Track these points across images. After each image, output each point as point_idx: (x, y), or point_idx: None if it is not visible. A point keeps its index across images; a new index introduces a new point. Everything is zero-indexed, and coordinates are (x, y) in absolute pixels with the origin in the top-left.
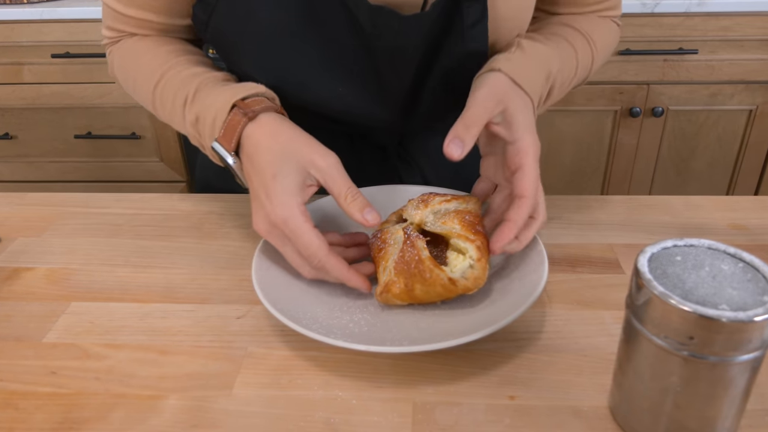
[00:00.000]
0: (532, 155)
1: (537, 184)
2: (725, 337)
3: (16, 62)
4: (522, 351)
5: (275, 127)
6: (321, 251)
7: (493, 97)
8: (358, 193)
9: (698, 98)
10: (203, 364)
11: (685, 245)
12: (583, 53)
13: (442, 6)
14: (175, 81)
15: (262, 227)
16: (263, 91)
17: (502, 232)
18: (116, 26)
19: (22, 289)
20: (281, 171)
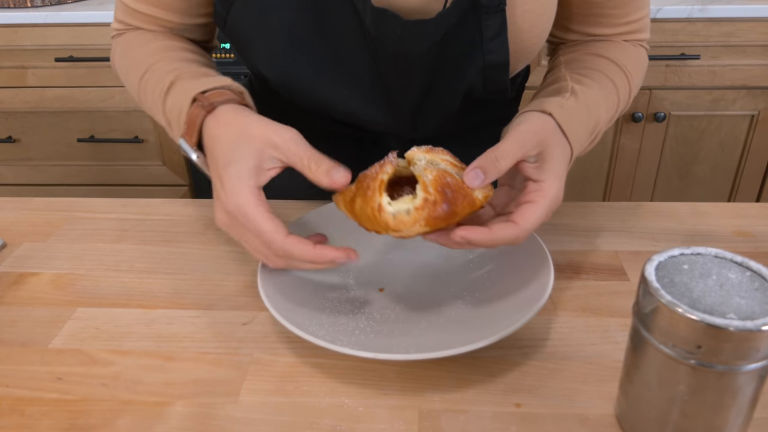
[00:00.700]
0: (550, 200)
1: (534, 226)
2: (733, 346)
3: (19, 66)
4: (528, 358)
5: (231, 118)
6: (278, 234)
7: (534, 137)
8: (322, 158)
9: (700, 103)
10: (209, 370)
11: (692, 253)
12: (623, 89)
13: (457, 17)
14: (159, 73)
15: (221, 219)
16: (229, 83)
17: (476, 232)
18: (126, 20)
19: (27, 295)
20: (233, 157)
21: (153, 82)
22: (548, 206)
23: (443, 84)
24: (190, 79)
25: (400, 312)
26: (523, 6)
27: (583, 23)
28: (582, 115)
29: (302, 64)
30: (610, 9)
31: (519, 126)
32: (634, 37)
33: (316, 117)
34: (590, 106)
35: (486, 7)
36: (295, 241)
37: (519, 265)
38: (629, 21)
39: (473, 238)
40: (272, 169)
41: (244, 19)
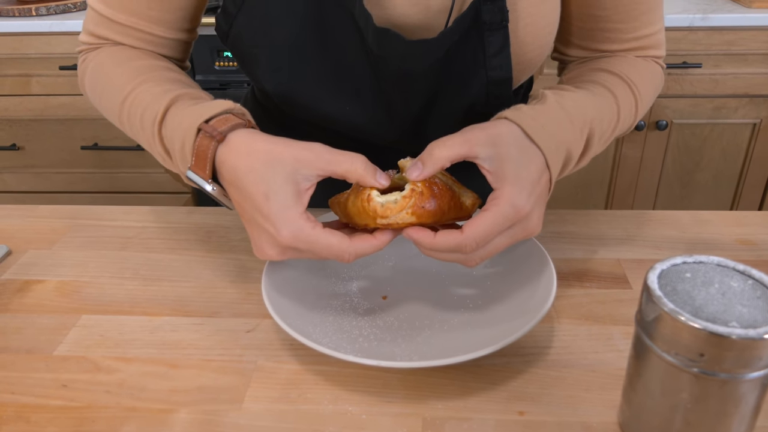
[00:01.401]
0: (504, 210)
1: (482, 237)
2: (736, 355)
3: (24, 74)
4: (531, 366)
5: (249, 145)
6: (344, 243)
7: (481, 132)
8: (364, 160)
9: (702, 112)
10: (213, 377)
11: (695, 262)
12: (625, 99)
13: (459, 34)
14: (146, 97)
15: (272, 252)
16: (230, 107)
17: (420, 232)
18: (99, 32)
19: (32, 302)
20: (272, 188)
21: (141, 107)
22: (502, 216)
23: (446, 99)
24: (186, 105)
25: (404, 319)
26: (525, 19)
27: (589, 38)
28: (552, 114)
29: (304, 78)
30: (617, 23)
31: (469, 126)
32: (646, 53)
33: (319, 129)
34: (565, 105)
35: (489, 24)
36: (362, 244)
37: (522, 273)
38: (639, 36)
39: (416, 237)
40: (309, 189)
41: (246, 33)
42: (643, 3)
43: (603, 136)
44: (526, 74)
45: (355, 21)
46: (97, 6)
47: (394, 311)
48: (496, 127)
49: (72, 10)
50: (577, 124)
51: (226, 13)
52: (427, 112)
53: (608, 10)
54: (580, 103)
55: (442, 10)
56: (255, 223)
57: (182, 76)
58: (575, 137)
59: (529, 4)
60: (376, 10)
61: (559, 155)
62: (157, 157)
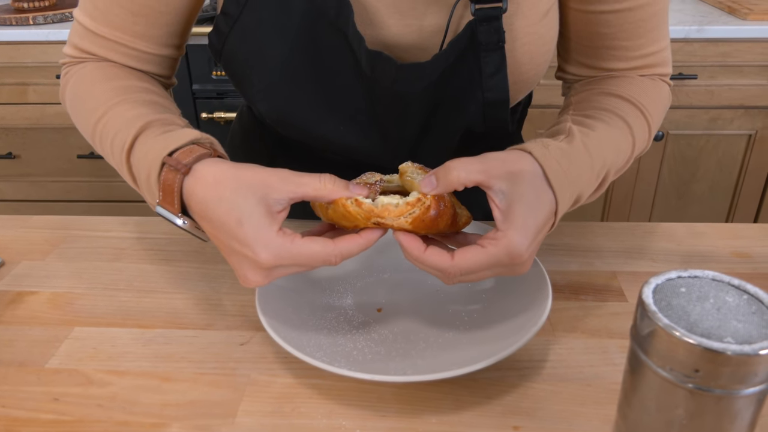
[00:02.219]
0: (500, 254)
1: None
2: (731, 370)
3: (21, 82)
4: (525, 380)
5: (215, 174)
6: (327, 247)
7: (502, 166)
8: (332, 177)
9: (698, 123)
10: (206, 391)
11: (690, 276)
12: (639, 128)
13: (455, 56)
14: (118, 121)
15: (257, 278)
16: (197, 137)
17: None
18: (83, 46)
19: (25, 314)
20: (243, 213)
21: (112, 131)
22: (496, 258)
23: (441, 122)
24: (154, 135)
25: (398, 333)
26: (522, 39)
27: (594, 56)
28: (577, 159)
29: (297, 99)
30: (623, 41)
31: (491, 153)
32: (652, 71)
33: (312, 150)
34: (591, 148)
35: (485, 45)
36: (347, 245)
37: (517, 286)
38: (645, 54)
39: (406, 245)
40: (282, 212)
41: (238, 53)
42: (649, 20)
43: (618, 172)
44: (523, 93)
45: (349, 43)
46: (82, 19)
47: (388, 324)
48: (517, 163)
49: (69, 19)
50: (596, 169)
51: (219, 32)
52: (422, 134)
53: (614, 28)
54: (603, 144)
55: (437, 31)
56: (233, 251)
57: (160, 98)
58: (591, 183)
59: (526, 23)
60: (370, 31)
61: (570, 201)
62: (129, 183)
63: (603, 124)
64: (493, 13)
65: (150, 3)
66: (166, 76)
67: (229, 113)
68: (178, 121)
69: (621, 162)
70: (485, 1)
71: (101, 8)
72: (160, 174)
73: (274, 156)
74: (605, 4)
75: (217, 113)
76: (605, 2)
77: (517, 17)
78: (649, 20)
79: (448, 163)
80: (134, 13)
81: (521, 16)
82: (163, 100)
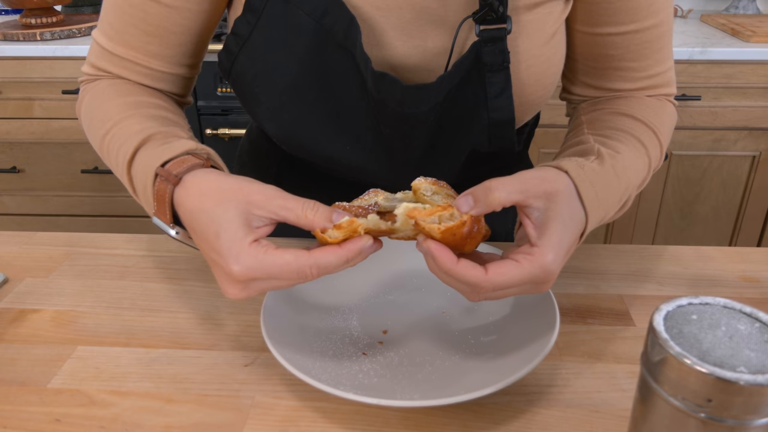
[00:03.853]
0: (535, 270)
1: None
2: (744, 401)
3: (27, 97)
4: (533, 405)
5: (202, 186)
6: (301, 258)
7: (541, 184)
8: (316, 204)
9: (702, 143)
10: (210, 413)
11: (701, 303)
12: (653, 149)
13: (460, 77)
14: (123, 134)
15: (233, 291)
16: (192, 148)
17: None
18: (100, 64)
19: (27, 332)
20: (222, 225)
21: (117, 144)
22: (531, 275)
23: (447, 142)
24: (153, 147)
25: (404, 355)
26: (528, 61)
27: (601, 77)
28: (607, 181)
29: (304, 119)
30: (630, 62)
31: (528, 172)
32: (658, 92)
33: (318, 168)
34: (618, 170)
35: (490, 66)
36: (320, 252)
37: (524, 309)
38: (651, 75)
39: (438, 256)
40: (262, 228)
41: (247, 73)
42: (656, 42)
43: (634, 195)
44: (529, 114)
45: (357, 64)
46: (99, 39)
47: (394, 347)
48: (555, 183)
49: (76, 35)
50: (620, 191)
51: (228, 52)
52: (428, 154)
53: (620, 50)
54: (628, 167)
55: (441, 53)
56: (213, 263)
57: (170, 114)
58: (615, 204)
59: (532, 45)
60: (376, 52)
61: (597, 222)
62: (132, 195)
63: (625, 147)
64: (497, 34)
65: (163, 24)
66: (181, 95)
67: (233, 129)
68: (182, 134)
69: (639, 183)
70: (489, 23)
71: (117, 28)
72: (154, 184)
73: (280, 173)
74: (612, 26)
75: (222, 129)
76: (612, 24)
77: (523, 39)
78: (655, 42)
79: (488, 183)
80: (148, 33)
81: (527, 39)
82: (172, 115)
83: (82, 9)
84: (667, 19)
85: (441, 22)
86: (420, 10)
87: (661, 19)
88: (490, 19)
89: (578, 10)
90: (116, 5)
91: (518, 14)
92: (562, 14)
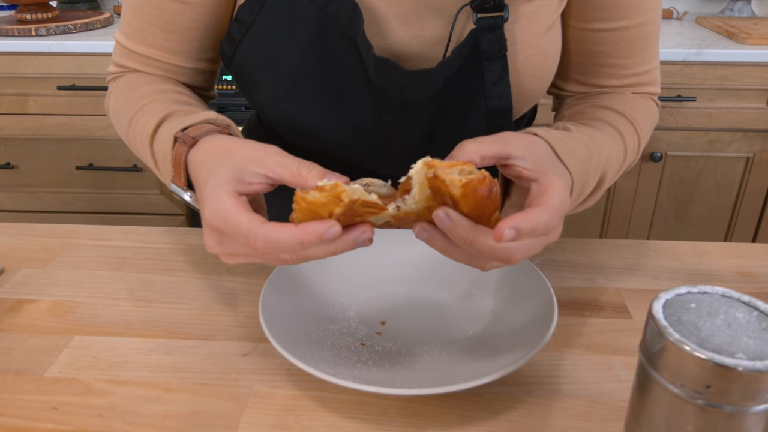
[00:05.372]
0: (549, 213)
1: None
2: (742, 387)
3: (21, 93)
4: (531, 396)
5: (212, 144)
6: (253, 224)
7: (517, 138)
8: (313, 164)
9: (696, 144)
10: (208, 402)
11: (699, 292)
12: (630, 139)
13: (458, 64)
14: (147, 116)
15: (210, 242)
16: (213, 117)
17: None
18: (123, 62)
19: (24, 322)
20: (211, 173)
21: (141, 125)
22: (544, 221)
23: (446, 130)
24: (174, 119)
25: (402, 345)
26: (525, 52)
27: (589, 74)
28: (577, 147)
29: (306, 106)
30: (617, 59)
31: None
32: (643, 90)
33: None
34: (588, 143)
35: (487, 54)
36: (273, 225)
37: (522, 300)
38: (637, 72)
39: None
40: (255, 184)
41: (250, 60)
42: (643, 40)
43: (612, 178)
44: (526, 106)
45: (358, 51)
46: (120, 39)
47: (392, 337)
48: (528, 137)
49: (71, 31)
50: (594, 161)
51: (231, 39)
52: (427, 143)
53: (609, 46)
54: (596, 141)
55: (440, 41)
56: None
57: (192, 99)
58: (593, 173)
59: (529, 36)
60: (377, 41)
61: (579, 183)
62: (158, 176)
63: (600, 132)
64: (494, 22)
65: (178, 20)
66: (204, 89)
67: None
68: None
69: (614, 169)
70: (487, 11)
71: (136, 27)
72: (173, 149)
73: None
74: (603, 22)
75: None
76: (603, 21)
77: (521, 30)
78: (642, 40)
79: (462, 142)
80: (165, 30)
81: (524, 30)
82: (193, 101)
83: (77, 5)
84: (656, 18)
85: (441, 11)
86: (420, 0)
87: (649, 18)
88: (487, 8)
89: (573, 5)
90: (134, 4)
91: (517, 5)
92: (558, 7)
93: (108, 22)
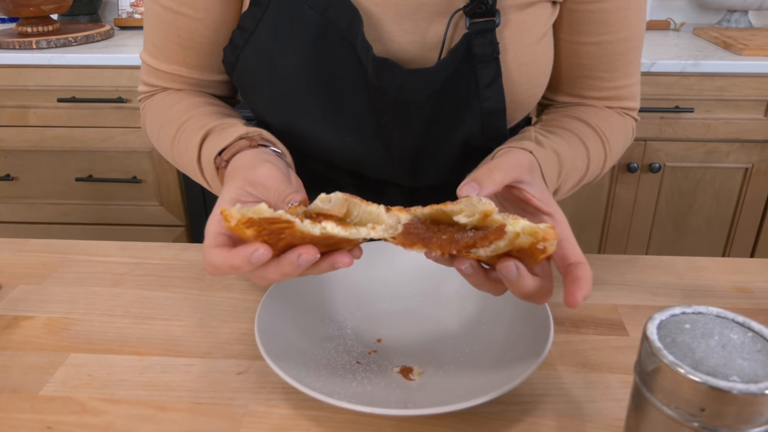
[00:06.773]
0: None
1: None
2: (737, 410)
3: (22, 105)
4: (527, 415)
5: (232, 164)
6: (206, 248)
7: (525, 160)
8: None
9: (695, 155)
10: (203, 422)
11: (694, 312)
12: (596, 152)
13: (454, 66)
14: (186, 136)
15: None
16: (244, 132)
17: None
18: (150, 81)
19: (20, 339)
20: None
21: (183, 146)
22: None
23: (442, 132)
24: (212, 139)
25: (398, 364)
26: (519, 60)
27: (573, 85)
28: (549, 157)
29: (305, 110)
30: (600, 72)
31: (505, 154)
32: (620, 104)
33: (318, 161)
34: (559, 154)
35: (480, 56)
36: (215, 249)
37: (518, 318)
38: (618, 86)
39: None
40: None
41: (252, 65)
42: (625, 55)
43: (572, 189)
44: (520, 113)
45: (357, 54)
46: (146, 59)
47: (388, 356)
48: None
49: (72, 44)
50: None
51: (234, 46)
52: (424, 144)
53: (593, 59)
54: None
55: (437, 45)
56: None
57: (221, 108)
58: (554, 181)
59: (523, 44)
60: (376, 45)
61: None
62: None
63: (564, 141)
64: (486, 26)
65: (193, 36)
66: (229, 96)
67: None
68: (236, 121)
69: (573, 179)
70: (479, 16)
71: (158, 46)
72: (218, 174)
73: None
74: (588, 36)
75: None
76: (588, 34)
77: (514, 38)
78: (624, 55)
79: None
80: (184, 47)
81: (518, 38)
82: (224, 108)
83: (78, 18)
84: (638, 34)
85: (437, 16)
86: (418, 6)
87: (632, 34)
88: (479, 13)
89: (563, 18)
90: (154, 25)
91: (510, 14)
92: (550, 18)
93: (108, 34)
